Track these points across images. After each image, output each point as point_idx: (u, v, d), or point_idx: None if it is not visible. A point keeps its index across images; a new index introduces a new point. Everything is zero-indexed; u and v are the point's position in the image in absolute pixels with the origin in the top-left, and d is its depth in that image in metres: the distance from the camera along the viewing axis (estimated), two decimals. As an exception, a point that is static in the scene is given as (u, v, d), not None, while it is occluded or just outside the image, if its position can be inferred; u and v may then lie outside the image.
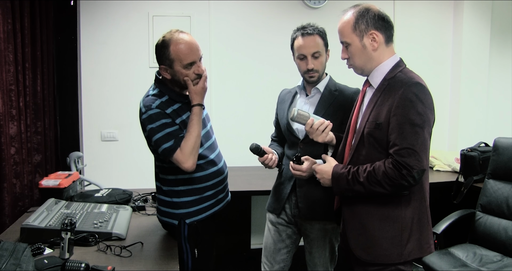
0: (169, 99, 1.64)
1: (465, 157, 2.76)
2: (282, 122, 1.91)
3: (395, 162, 1.34)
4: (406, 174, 1.32)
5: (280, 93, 2.00)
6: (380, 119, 1.39)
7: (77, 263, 1.30)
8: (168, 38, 1.60)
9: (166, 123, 1.59)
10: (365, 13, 1.43)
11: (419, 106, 1.34)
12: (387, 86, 1.42)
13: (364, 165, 1.42)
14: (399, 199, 1.42)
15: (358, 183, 1.40)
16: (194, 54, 1.59)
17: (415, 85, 1.36)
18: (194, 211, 1.68)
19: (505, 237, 2.21)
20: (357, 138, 1.47)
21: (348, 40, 1.45)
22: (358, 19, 1.43)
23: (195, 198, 1.68)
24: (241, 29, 3.27)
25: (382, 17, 1.45)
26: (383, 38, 1.45)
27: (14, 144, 2.14)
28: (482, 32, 3.57)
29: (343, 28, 1.46)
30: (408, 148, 1.32)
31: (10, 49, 2.11)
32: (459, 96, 3.59)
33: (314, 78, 1.79)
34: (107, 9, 3.05)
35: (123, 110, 3.10)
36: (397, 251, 1.42)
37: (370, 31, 1.43)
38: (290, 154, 1.83)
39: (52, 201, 1.95)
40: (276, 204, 1.91)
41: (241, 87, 3.29)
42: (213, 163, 1.71)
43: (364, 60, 1.46)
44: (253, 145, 1.74)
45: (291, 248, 1.95)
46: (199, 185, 1.68)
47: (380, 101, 1.42)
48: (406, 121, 1.34)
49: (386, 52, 1.47)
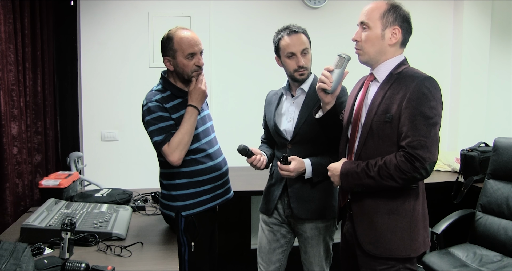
0: (171, 95, 1.75)
1: (465, 157, 2.76)
2: (270, 124, 1.92)
3: (407, 154, 1.33)
4: (419, 166, 1.32)
5: (267, 95, 2.01)
6: (390, 111, 1.39)
7: (77, 263, 1.30)
8: (173, 31, 1.74)
9: (162, 117, 1.69)
10: (398, 8, 1.46)
11: (432, 100, 1.36)
12: (395, 79, 1.43)
13: (373, 159, 1.42)
14: (408, 192, 1.43)
15: (369, 177, 1.40)
16: (195, 46, 1.72)
17: (427, 80, 1.38)
18: (190, 204, 1.74)
19: (505, 237, 2.21)
20: (364, 131, 1.46)
21: (371, 24, 1.45)
22: (390, 10, 1.44)
23: (191, 191, 1.75)
24: (241, 29, 3.27)
25: (409, 20, 1.48)
26: (401, 39, 1.47)
27: (16, 143, 2.14)
28: (482, 32, 3.57)
29: (372, 11, 1.46)
30: (420, 139, 1.33)
31: (11, 49, 2.11)
32: (459, 96, 3.59)
33: (304, 75, 1.79)
34: (107, 9, 3.05)
35: (123, 110, 3.10)
36: (406, 245, 1.43)
37: (395, 25, 1.44)
38: (279, 155, 1.84)
39: (52, 201, 1.95)
40: (268, 205, 1.92)
41: (241, 88, 3.29)
42: (209, 157, 1.78)
43: (375, 50, 1.46)
44: (240, 146, 1.75)
45: (286, 247, 1.95)
46: (195, 179, 1.75)
47: (389, 93, 1.42)
48: (419, 114, 1.34)
49: (398, 51, 1.49)
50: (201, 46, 1.74)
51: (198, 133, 1.76)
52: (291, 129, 1.81)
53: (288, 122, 1.83)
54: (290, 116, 1.83)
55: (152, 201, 2.29)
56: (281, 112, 1.88)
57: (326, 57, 1.95)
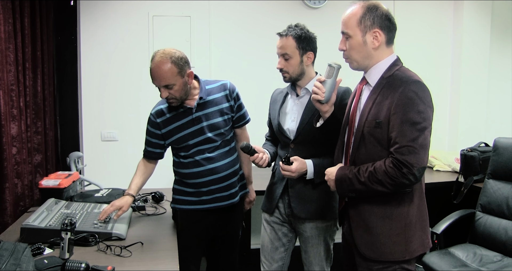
0: (169, 107, 1.83)
1: (465, 157, 2.76)
2: (274, 122, 1.93)
3: (395, 160, 1.34)
4: (407, 172, 1.32)
5: (273, 94, 2.02)
6: (380, 117, 1.39)
7: (77, 263, 1.30)
8: (152, 56, 1.73)
9: (149, 130, 1.88)
10: (374, 10, 1.42)
11: (419, 104, 1.34)
12: (385, 84, 1.42)
13: (365, 164, 1.42)
14: (402, 196, 1.43)
15: (360, 183, 1.40)
16: (154, 80, 1.73)
17: (414, 83, 1.36)
18: (178, 199, 1.90)
19: (505, 237, 2.21)
20: (357, 136, 1.46)
21: (350, 32, 1.44)
22: (366, 14, 1.42)
23: (179, 188, 1.91)
24: (241, 29, 3.27)
25: (388, 17, 1.44)
26: (385, 39, 1.44)
27: (15, 143, 2.14)
28: (482, 32, 3.57)
29: (348, 19, 1.45)
30: (408, 145, 1.32)
31: (11, 49, 2.11)
32: (459, 96, 3.59)
33: (286, 78, 1.82)
34: (107, 9, 3.05)
35: (123, 110, 3.10)
36: (401, 248, 1.43)
37: (374, 29, 1.42)
38: (282, 154, 1.85)
39: (52, 201, 1.95)
40: (269, 204, 1.93)
41: (241, 88, 3.25)
42: (197, 165, 1.84)
43: (361, 56, 1.45)
44: (243, 143, 1.75)
45: (288, 246, 1.95)
46: (183, 179, 1.89)
47: (379, 99, 1.41)
48: (407, 120, 1.34)
49: (386, 52, 1.46)
50: (162, 82, 1.69)
51: (188, 144, 1.83)
52: (294, 128, 1.82)
53: (292, 122, 1.83)
54: (294, 116, 1.84)
55: (152, 201, 2.29)
56: (285, 111, 1.89)
57: (326, 57, 1.94)
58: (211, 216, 1.88)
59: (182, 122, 1.82)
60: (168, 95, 1.72)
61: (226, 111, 1.86)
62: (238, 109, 1.92)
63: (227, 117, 1.87)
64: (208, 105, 1.83)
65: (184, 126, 1.82)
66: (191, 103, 1.82)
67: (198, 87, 1.84)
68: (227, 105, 1.87)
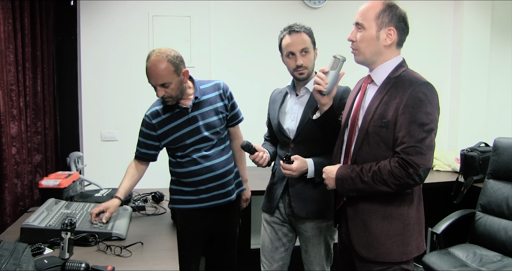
0: (165, 107, 1.83)
1: (465, 157, 2.76)
2: (273, 122, 1.92)
3: (401, 160, 1.33)
4: (413, 173, 1.32)
5: (272, 93, 2.02)
6: (387, 117, 1.39)
7: (77, 263, 1.30)
8: (148, 56, 1.73)
9: (142, 132, 1.89)
10: (394, 8, 1.43)
11: (428, 106, 1.35)
12: (393, 84, 1.41)
13: (368, 163, 1.41)
14: (403, 197, 1.43)
15: (362, 182, 1.40)
16: (151, 79, 1.73)
17: (424, 85, 1.36)
18: (176, 199, 1.90)
19: (505, 237, 2.21)
20: (360, 135, 1.45)
21: (365, 24, 1.43)
22: (385, 10, 1.42)
23: (177, 188, 1.91)
24: (241, 29, 3.27)
25: (405, 20, 1.45)
26: (397, 39, 1.45)
27: (15, 143, 2.14)
28: (482, 32, 3.57)
29: (367, 11, 1.44)
30: (415, 146, 1.32)
31: (10, 49, 2.11)
32: (459, 96, 3.59)
33: (304, 75, 1.80)
34: (107, 9, 3.05)
35: (123, 110, 3.10)
36: (400, 249, 1.43)
37: (390, 26, 1.42)
38: (282, 154, 1.84)
39: (52, 201, 1.95)
40: (270, 204, 1.93)
41: (241, 87, 3.27)
42: (195, 163, 1.84)
43: (371, 50, 1.45)
44: (244, 142, 1.76)
45: (289, 246, 1.95)
46: (180, 179, 1.88)
47: (386, 98, 1.41)
48: (415, 120, 1.34)
49: (394, 52, 1.47)
50: (159, 81, 1.70)
51: (185, 144, 1.82)
52: (294, 128, 1.81)
53: (292, 121, 1.83)
54: (293, 115, 1.84)
55: (152, 201, 2.29)
56: (285, 111, 1.89)
57: (326, 57, 1.94)
58: (210, 215, 1.89)
59: (178, 122, 1.83)
60: (164, 94, 1.73)
61: (221, 110, 1.88)
62: (232, 108, 1.94)
63: (222, 116, 1.89)
64: (203, 105, 1.85)
65: (180, 126, 1.83)
66: (187, 103, 1.83)
67: (193, 87, 1.86)
68: (222, 105, 1.89)
